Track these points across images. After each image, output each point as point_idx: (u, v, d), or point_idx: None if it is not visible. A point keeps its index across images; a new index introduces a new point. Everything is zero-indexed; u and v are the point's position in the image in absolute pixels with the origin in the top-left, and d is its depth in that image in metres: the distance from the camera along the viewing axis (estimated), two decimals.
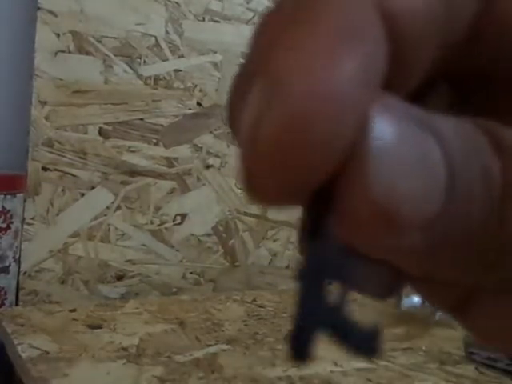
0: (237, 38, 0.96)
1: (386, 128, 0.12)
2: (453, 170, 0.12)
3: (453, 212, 0.12)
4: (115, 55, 0.90)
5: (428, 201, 0.12)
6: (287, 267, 1.04)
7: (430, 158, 0.12)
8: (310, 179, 0.12)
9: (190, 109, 0.95)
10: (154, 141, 0.93)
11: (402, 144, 0.12)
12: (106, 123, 0.90)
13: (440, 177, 0.12)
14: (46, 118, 0.87)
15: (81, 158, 0.89)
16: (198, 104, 0.95)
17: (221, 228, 0.98)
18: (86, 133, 0.89)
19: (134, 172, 0.92)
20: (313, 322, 0.13)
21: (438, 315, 0.81)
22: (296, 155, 0.11)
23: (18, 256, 0.85)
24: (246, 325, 0.79)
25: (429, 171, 0.12)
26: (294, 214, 1.04)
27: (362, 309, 0.89)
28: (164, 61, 0.93)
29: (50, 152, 0.87)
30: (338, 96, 0.11)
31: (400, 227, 0.12)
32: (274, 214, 1.01)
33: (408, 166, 0.12)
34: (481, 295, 0.14)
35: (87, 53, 0.89)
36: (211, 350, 0.70)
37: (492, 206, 0.12)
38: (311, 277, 0.13)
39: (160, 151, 0.94)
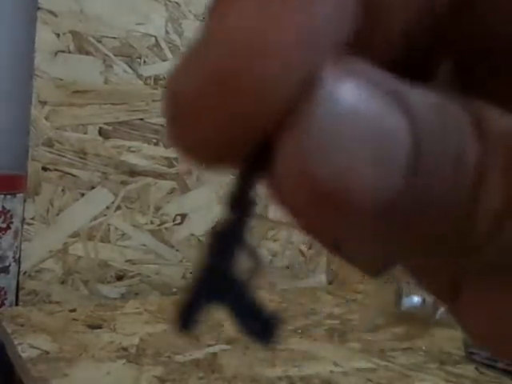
0: None
1: (340, 89, 0.10)
2: (419, 147, 0.11)
3: (420, 190, 0.11)
4: (115, 55, 0.90)
5: (383, 180, 0.10)
6: (287, 267, 1.04)
7: (391, 130, 0.10)
8: (238, 133, 0.10)
9: None
10: (154, 141, 0.93)
11: (356, 110, 0.10)
12: (105, 123, 0.90)
13: (402, 153, 0.10)
14: (46, 118, 0.87)
15: (81, 158, 0.89)
16: None
17: None
18: (85, 133, 0.89)
19: (133, 172, 0.92)
20: (210, 292, 0.12)
21: (438, 315, 0.81)
22: (221, 106, 0.10)
23: (18, 256, 0.85)
24: None
25: (388, 145, 0.10)
26: None
27: (362, 308, 0.90)
28: (164, 61, 0.93)
29: (50, 152, 0.87)
30: (277, 49, 0.10)
31: (341, 208, 0.10)
32: (274, 213, 1.01)
33: (361, 136, 0.10)
34: (470, 282, 0.13)
35: (87, 53, 0.89)
36: (211, 349, 0.70)
37: (466, 189, 0.11)
38: (221, 244, 0.12)
39: (160, 151, 0.94)
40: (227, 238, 0.12)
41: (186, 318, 0.12)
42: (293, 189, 0.10)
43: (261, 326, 0.12)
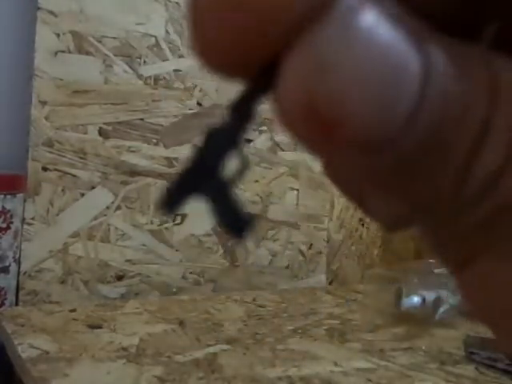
0: None
1: (358, 13, 0.10)
2: (426, 87, 0.10)
3: (420, 132, 0.11)
4: (115, 55, 0.90)
5: (383, 111, 0.10)
6: (287, 267, 1.04)
7: (402, 65, 0.10)
8: (249, 49, 0.11)
9: (190, 109, 0.95)
10: (154, 141, 0.93)
11: (371, 36, 0.10)
12: (105, 123, 0.90)
13: (407, 89, 0.10)
14: (46, 118, 0.87)
15: (81, 158, 0.89)
16: (198, 104, 0.95)
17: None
18: (85, 133, 0.89)
19: (133, 172, 0.92)
20: (195, 183, 0.12)
21: (438, 315, 0.81)
22: (234, 21, 0.10)
23: (18, 256, 0.85)
24: (245, 325, 0.79)
25: (395, 78, 0.10)
26: (294, 214, 1.04)
27: (362, 308, 0.90)
28: (164, 61, 0.93)
29: (50, 152, 0.87)
30: None
31: (336, 132, 0.10)
32: (274, 213, 1.01)
33: (370, 62, 0.10)
34: (478, 252, 0.13)
35: (87, 53, 0.89)
36: (211, 349, 0.70)
37: (468, 139, 0.11)
38: (215, 143, 0.12)
39: (160, 151, 0.94)
40: (221, 138, 0.12)
41: (169, 202, 0.13)
42: (292, 106, 0.10)
43: (237, 222, 0.13)
